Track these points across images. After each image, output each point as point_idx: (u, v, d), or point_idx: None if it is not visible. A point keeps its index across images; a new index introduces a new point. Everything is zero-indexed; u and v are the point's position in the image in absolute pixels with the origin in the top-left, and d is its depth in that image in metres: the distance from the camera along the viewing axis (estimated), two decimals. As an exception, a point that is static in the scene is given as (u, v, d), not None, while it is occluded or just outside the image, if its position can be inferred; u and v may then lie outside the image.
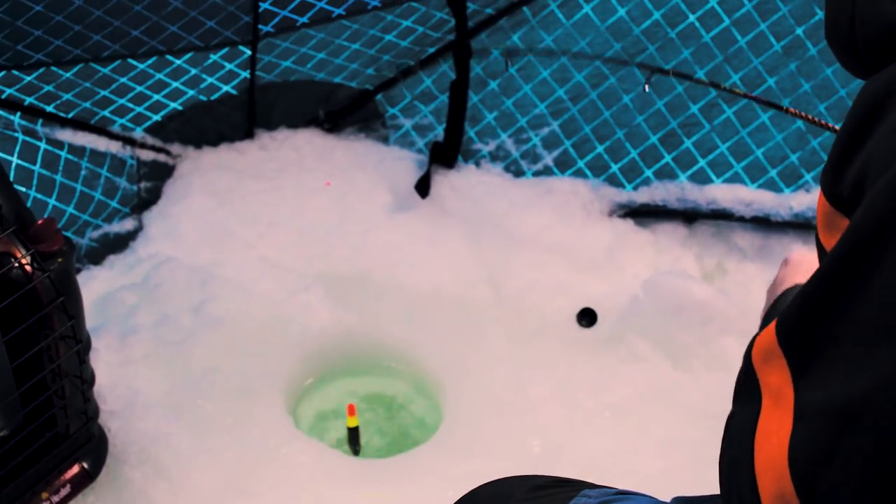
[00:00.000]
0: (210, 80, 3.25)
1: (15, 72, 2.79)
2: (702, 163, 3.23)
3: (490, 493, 1.43)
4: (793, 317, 0.90)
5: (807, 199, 3.12)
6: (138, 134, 3.26)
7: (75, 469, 2.33)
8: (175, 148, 3.39)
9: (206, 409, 2.65)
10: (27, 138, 2.91)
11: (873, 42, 0.92)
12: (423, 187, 3.33)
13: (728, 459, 0.95)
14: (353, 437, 2.77)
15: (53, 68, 2.86)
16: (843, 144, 0.91)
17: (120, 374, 2.66)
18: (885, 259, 0.81)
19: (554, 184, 3.36)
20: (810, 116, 2.41)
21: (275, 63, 3.29)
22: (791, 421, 0.87)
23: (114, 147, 3.19)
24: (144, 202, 3.30)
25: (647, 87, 2.90)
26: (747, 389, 0.95)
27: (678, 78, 3.02)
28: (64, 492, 2.31)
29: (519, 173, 3.43)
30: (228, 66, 3.23)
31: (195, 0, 2.90)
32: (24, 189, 2.86)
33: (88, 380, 2.27)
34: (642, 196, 3.30)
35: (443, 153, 3.42)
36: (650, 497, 1.27)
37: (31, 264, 2.00)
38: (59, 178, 3.00)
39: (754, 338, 0.95)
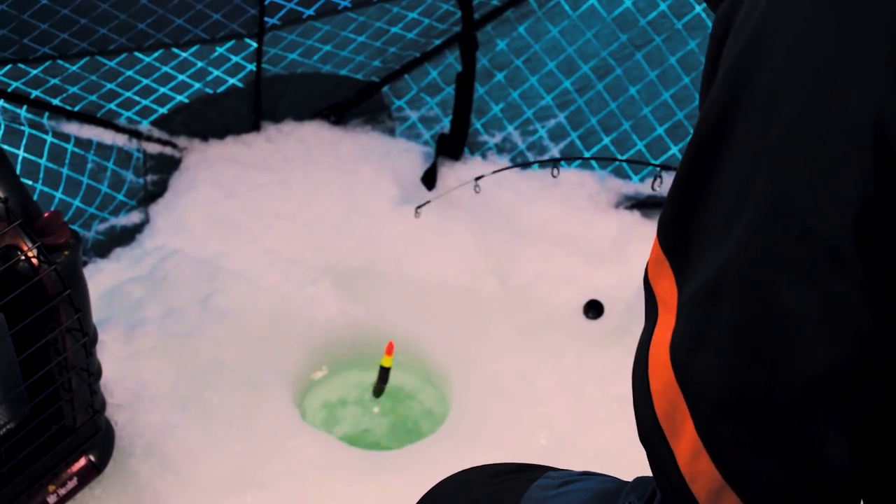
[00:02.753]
0: (216, 72, 3.25)
1: (21, 65, 2.79)
2: (709, 154, 3.22)
3: (455, 482, 1.46)
4: (665, 218, 0.95)
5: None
6: (144, 127, 3.26)
7: (82, 462, 2.34)
8: (181, 141, 3.39)
9: (212, 401, 2.66)
10: (33, 131, 2.91)
11: None
12: (429, 179, 3.33)
13: (632, 373, 0.99)
14: (383, 376, 2.81)
15: (59, 61, 2.86)
16: (707, 68, 0.96)
17: (127, 367, 2.67)
18: (728, 143, 0.87)
19: (560, 175, 3.35)
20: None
21: (281, 55, 3.29)
22: (675, 318, 0.91)
23: (120, 140, 3.19)
24: (151, 195, 3.30)
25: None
26: (648, 307, 0.99)
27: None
28: (71, 484, 2.31)
29: (526, 165, 3.43)
30: (234, 58, 3.23)
31: (201, -7, 2.91)
32: (30, 182, 2.87)
33: (95, 372, 2.27)
34: (649, 188, 3.29)
35: (449, 145, 3.42)
36: (612, 477, 1.29)
37: (38, 257, 2.01)
38: (65, 171, 3.00)
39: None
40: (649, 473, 1.21)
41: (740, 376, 0.84)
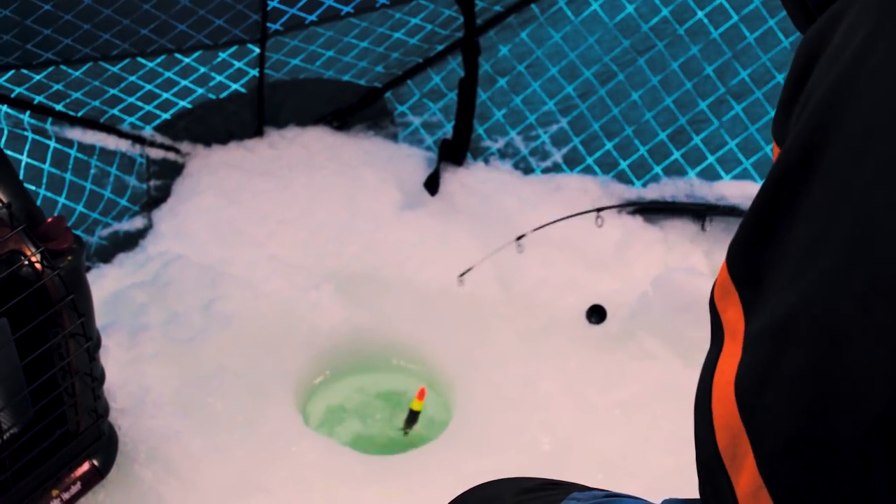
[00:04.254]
0: (219, 78, 3.25)
1: (24, 70, 2.80)
2: (711, 159, 3.22)
3: (479, 496, 1.43)
4: (736, 247, 0.93)
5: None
6: (148, 132, 3.27)
7: (86, 466, 2.34)
8: (184, 146, 3.39)
9: (215, 406, 2.66)
10: (37, 137, 2.92)
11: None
12: (432, 185, 3.33)
13: (695, 397, 0.97)
14: (411, 418, 2.82)
15: (63, 67, 2.86)
16: (788, 90, 0.94)
17: (130, 372, 2.67)
18: (812, 181, 0.84)
19: (563, 181, 3.36)
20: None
21: (283, 61, 3.30)
22: (741, 351, 0.89)
23: (123, 145, 3.20)
24: (154, 200, 3.31)
25: None
26: (714, 330, 0.98)
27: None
28: (74, 489, 2.31)
29: (528, 170, 3.43)
30: (237, 64, 3.23)
31: (204, -2, 2.91)
32: (33, 187, 2.87)
33: (98, 377, 2.27)
34: (651, 193, 3.30)
35: (452, 150, 3.42)
36: (641, 499, 1.27)
37: (41, 262, 2.01)
38: (68, 176, 3.00)
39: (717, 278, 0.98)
40: (651, 480, 1.21)
41: (804, 422, 0.82)
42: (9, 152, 2.72)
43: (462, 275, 2.99)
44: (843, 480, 0.82)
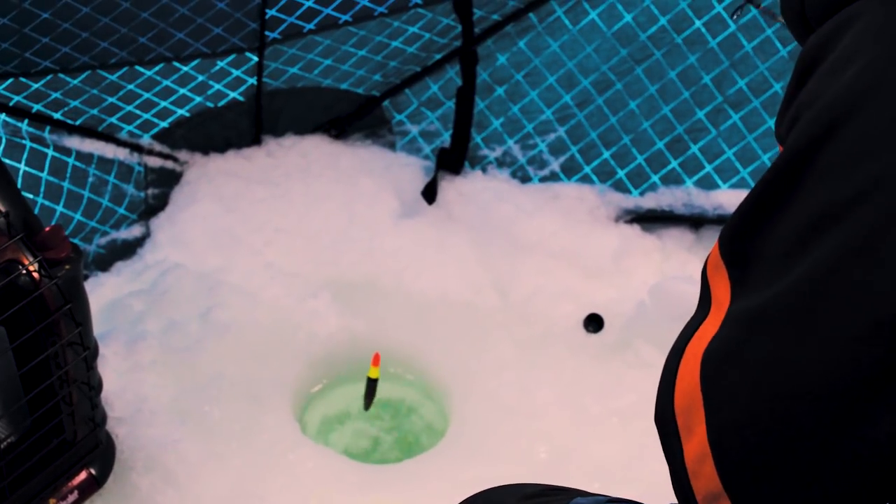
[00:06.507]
0: (217, 86, 3.25)
1: (22, 79, 2.80)
2: (708, 168, 3.23)
3: (482, 502, 1.44)
4: (730, 231, 0.97)
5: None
6: (146, 140, 3.27)
7: (83, 475, 2.34)
8: (182, 154, 3.39)
9: (213, 415, 2.66)
10: (35, 145, 2.92)
11: (817, 11, 1.01)
12: (429, 193, 3.33)
13: (668, 354, 1.03)
14: (370, 389, 2.79)
15: (61, 75, 2.86)
16: (788, 94, 1.00)
17: (127, 381, 2.67)
18: (803, 183, 0.88)
19: (560, 189, 3.36)
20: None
21: (281, 69, 3.30)
22: (719, 325, 0.94)
23: (121, 154, 3.20)
24: (152, 209, 3.30)
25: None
26: (702, 299, 1.02)
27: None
28: (72, 498, 2.31)
29: (525, 179, 3.43)
30: (235, 72, 3.23)
31: (202, 7, 2.90)
32: (31, 196, 2.87)
33: (96, 386, 2.27)
34: (649, 202, 3.30)
35: (449, 159, 3.42)
36: (639, 503, 1.28)
37: (39, 271, 2.01)
38: (66, 184, 3.00)
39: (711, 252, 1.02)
40: (648, 488, 1.21)
41: (760, 405, 0.85)
42: (7, 161, 2.72)
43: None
44: (790, 469, 0.84)
